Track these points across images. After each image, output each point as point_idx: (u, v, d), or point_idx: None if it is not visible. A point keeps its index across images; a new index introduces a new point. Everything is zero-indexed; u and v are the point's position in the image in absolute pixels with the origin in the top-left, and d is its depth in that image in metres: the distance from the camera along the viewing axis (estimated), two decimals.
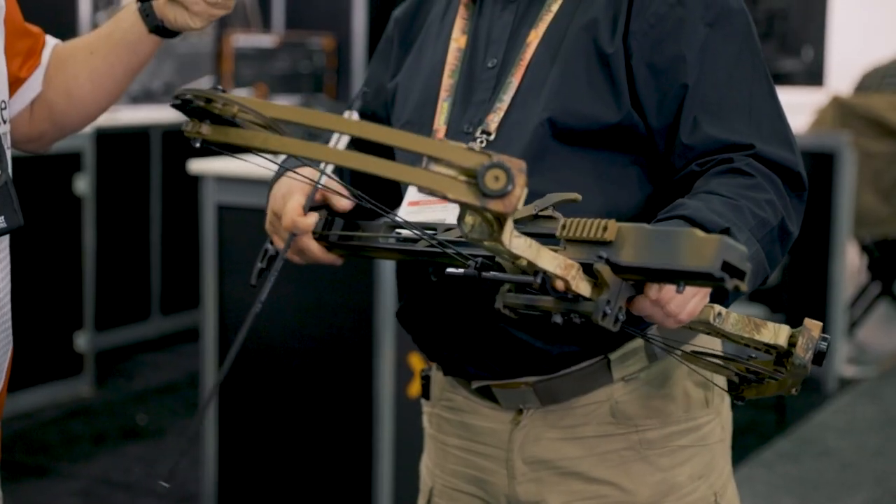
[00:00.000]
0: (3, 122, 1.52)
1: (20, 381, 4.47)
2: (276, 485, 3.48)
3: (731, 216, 1.37)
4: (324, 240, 1.57)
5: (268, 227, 1.63)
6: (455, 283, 1.52)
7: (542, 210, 1.30)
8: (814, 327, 1.35)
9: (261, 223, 1.65)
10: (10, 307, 1.53)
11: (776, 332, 1.35)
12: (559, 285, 1.19)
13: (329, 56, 6.59)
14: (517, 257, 1.16)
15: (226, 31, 6.39)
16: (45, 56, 1.69)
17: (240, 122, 1.20)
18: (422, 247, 1.43)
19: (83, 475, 4.11)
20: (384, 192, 1.62)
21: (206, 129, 1.21)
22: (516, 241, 1.15)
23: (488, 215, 1.11)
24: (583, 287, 1.20)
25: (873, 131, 5.57)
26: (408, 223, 1.42)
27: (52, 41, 1.72)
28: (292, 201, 1.55)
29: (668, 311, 1.28)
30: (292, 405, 3.43)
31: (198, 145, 1.22)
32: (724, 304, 1.36)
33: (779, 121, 1.53)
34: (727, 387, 1.48)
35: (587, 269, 1.20)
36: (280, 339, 3.43)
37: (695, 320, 1.32)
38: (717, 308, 1.33)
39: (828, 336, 1.36)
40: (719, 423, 1.63)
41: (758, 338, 1.34)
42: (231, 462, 3.55)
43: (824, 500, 4.03)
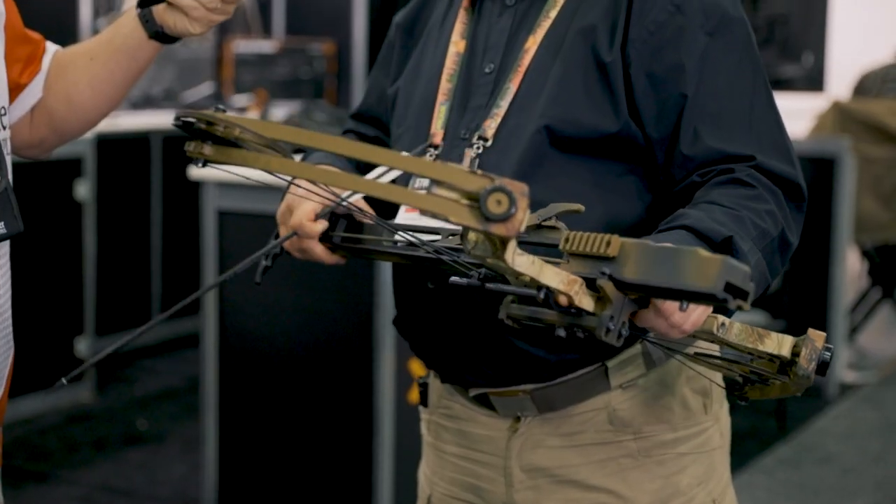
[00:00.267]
0: (4, 128, 1.52)
1: (20, 387, 4.46)
2: (276, 491, 3.47)
3: (733, 226, 1.37)
4: (327, 240, 1.58)
5: (278, 215, 1.65)
6: (452, 291, 1.52)
7: (545, 220, 1.30)
8: (817, 338, 1.35)
9: (261, 228, 1.65)
10: (10, 313, 1.53)
11: (780, 343, 1.35)
12: (562, 300, 1.19)
13: (329, 61, 6.60)
14: (520, 274, 1.17)
15: (226, 36, 6.39)
16: (46, 62, 1.69)
17: (242, 143, 1.21)
18: (425, 252, 1.43)
19: (84, 481, 4.11)
20: (383, 200, 1.62)
21: (208, 149, 1.22)
22: (519, 260, 1.15)
23: (492, 236, 1.11)
24: (586, 302, 1.20)
25: (873, 136, 5.57)
26: (417, 238, 1.42)
27: (52, 47, 1.72)
28: (308, 204, 1.57)
29: (672, 323, 1.28)
30: (293, 411, 3.43)
31: (201, 166, 1.24)
32: (728, 314, 1.36)
33: (778, 132, 1.52)
34: (731, 387, 1.47)
35: (590, 284, 1.21)
36: (281, 345, 3.43)
37: (698, 330, 1.32)
38: (721, 318, 1.33)
39: (831, 346, 1.36)
40: (718, 429, 1.63)
41: (761, 348, 1.34)
42: (231, 467, 3.54)
43: None
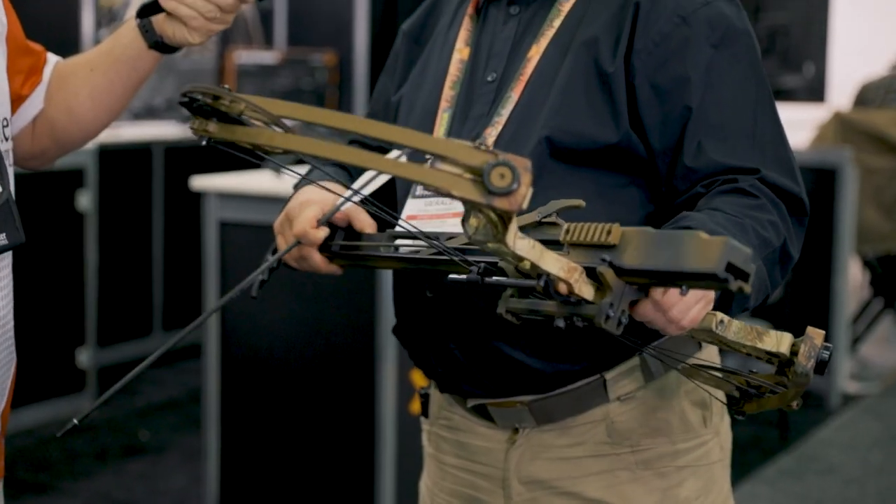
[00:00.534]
0: (6, 139, 1.52)
1: (22, 398, 4.46)
2: (278, 501, 3.47)
3: (735, 232, 1.37)
4: (326, 250, 1.58)
5: (276, 226, 1.64)
6: (450, 300, 1.52)
7: (545, 217, 1.30)
8: (816, 335, 1.34)
9: (263, 239, 1.65)
10: (12, 324, 1.53)
11: (778, 340, 1.34)
12: (562, 288, 1.19)
13: (331, 72, 6.60)
14: (521, 259, 1.16)
15: (228, 47, 6.40)
16: (47, 73, 1.70)
17: (246, 121, 1.20)
18: (424, 255, 1.43)
19: (85, 492, 4.10)
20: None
21: (212, 126, 1.21)
22: (520, 243, 1.14)
23: (492, 216, 1.11)
24: (585, 290, 1.19)
25: (875, 147, 5.57)
26: (420, 232, 1.41)
27: (53, 58, 1.72)
28: (308, 211, 1.57)
29: (670, 317, 1.27)
30: (294, 421, 3.43)
31: (204, 143, 1.23)
32: (730, 312, 1.36)
33: (782, 146, 1.52)
34: (728, 402, 1.47)
35: (590, 273, 1.20)
36: (282, 356, 3.43)
37: (697, 328, 1.31)
38: (720, 315, 1.32)
39: (830, 345, 1.36)
40: (718, 442, 1.62)
41: (760, 346, 1.34)
42: (233, 479, 3.54)
43: None
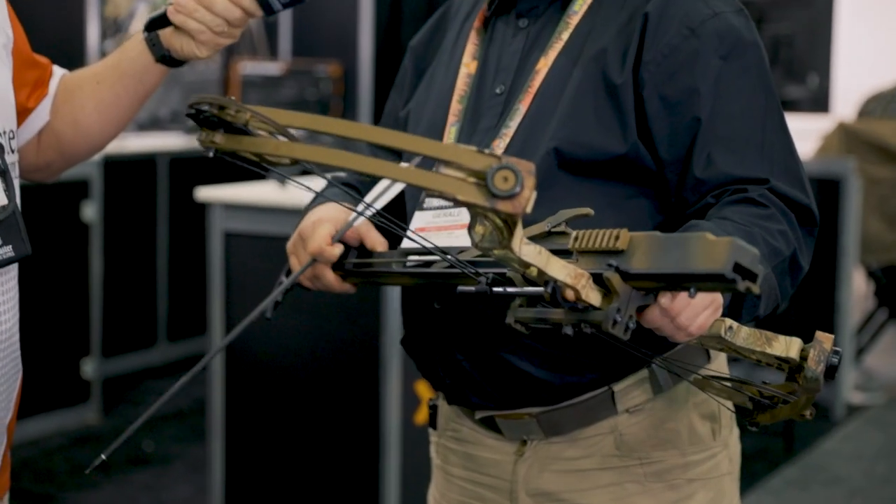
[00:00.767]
0: (12, 151, 1.52)
1: (27, 409, 4.47)
2: None
3: (743, 239, 1.37)
4: (339, 269, 1.59)
5: (289, 246, 1.65)
6: (459, 312, 1.52)
7: (554, 226, 1.30)
8: (825, 340, 1.33)
9: (267, 250, 1.66)
10: (18, 337, 1.53)
11: (787, 346, 1.33)
12: (569, 295, 1.19)
13: (336, 83, 6.61)
14: (527, 265, 1.16)
15: (233, 58, 6.41)
16: (53, 86, 1.70)
17: (252, 131, 1.21)
18: (436, 269, 1.43)
19: (90, 503, 4.10)
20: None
21: (219, 137, 1.22)
22: (526, 249, 1.14)
23: (498, 222, 1.11)
24: (593, 296, 1.19)
25: (879, 157, 5.57)
26: (433, 246, 1.42)
27: (59, 71, 1.72)
28: (322, 229, 1.58)
29: (678, 324, 1.26)
30: (299, 432, 3.43)
31: (211, 154, 1.23)
32: (740, 320, 1.35)
33: (791, 157, 1.52)
34: (741, 413, 1.46)
35: (598, 280, 1.20)
36: (287, 366, 3.43)
37: (706, 335, 1.31)
38: (728, 322, 1.31)
39: (839, 349, 1.34)
40: (727, 455, 1.62)
41: (769, 351, 1.33)
42: (238, 489, 3.54)
43: None
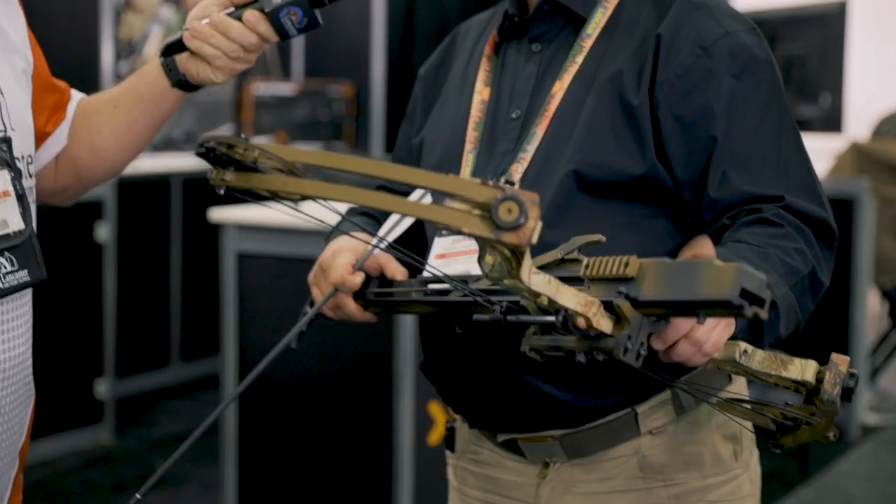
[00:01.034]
0: (30, 175, 1.53)
1: (40, 429, 4.47)
2: None
3: (758, 262, 1.37)
4: (360, 298, 1.60)
5: (310, 278, 1.66)
6: (479, 336, 1.52)
7: (567, 254, 1.31)
8: (841, 362, 1.34)
9: (281, 271, 1.67)
10: (31, 361, 1.53)
11: (803, 369, 1.34)
12: (580, 323, 1.20)
13: (348, 103, 6.63)
14: (537, 294, 1.17)
15: (246, 79, 6.43)
16: (71, 110, 1.71)
17: (262, 168, 1.22)
18: (455, 297, 1.44)
19: None
20: (411, 249, 1.64)
21: (229, 175, 1.24)
22: (535, 278, 1.15)
23: (506, 252, 1.12)
24: (604, 324, 1.20)
25: (892, 177, 5.56)
26: (446, 276, 1.43)
27: (77, 95, 1.73)
28: (342, 258, 1.59)
29: (693, 340, 1.27)
30: (312, 453, 3.43)
31: (222, 192, 1.25)
32: (762, 344, 1.36)
33: (807, 173, 1.53)
34: (765, 435, 1.46)
35: (608, 307, 1.21)
36: (300, 387, 3.43)
37: (721, 359, 1.31)
38: (743, 345, 1.32)
39: (855, 371, 1.35)
40: (748, 476, 1.62)
41: (785, 374, 1.34)
42: None
43: None
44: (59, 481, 4.47)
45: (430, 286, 1.52)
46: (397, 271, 1.60)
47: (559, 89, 1.57)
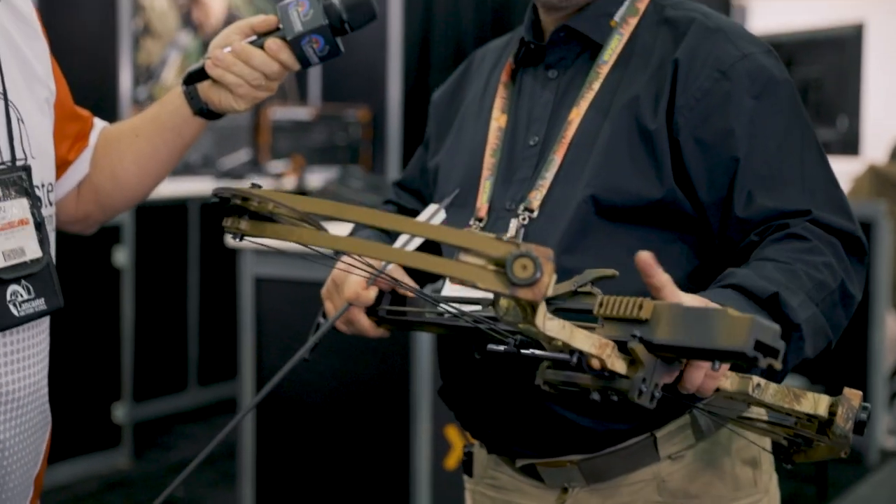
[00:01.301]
0: (50, 204, 1.53)
1: (58, 453, 4.48)
2: None
3: (782, 280, 1.37)
4: (373, 314, 1.60)
5: (323, 292, 1.67)
6: (498, 362, 1.53)
7: (580, 286, 1.31)
8: (854, 396, 1.35)
9: (298, 295, 1.67)
10: (46, 389, 1.53)
11: (816, 402, 1.35)
12: (595, 364, 1.21)
13: (365, 128, 6.65)
14: (552, 339, 1.18)
15: (263, 103, 6.46)
16: (93, 138, 1.72)
17: (276, 217, 1.24)
18: (467, 322, 1.45)
19: None
20: (426, 274, 1.64)
21: (244, 224, 1.26)
22: (550, 324, 1.16)
23: (521, 302, 1.13)
24: (618, 365, 1.21)
25: None
26: (455, 306, 1.44)
27: (100, 123, 1.74)
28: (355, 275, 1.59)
29: (710, 372, 1.27)
30: (330, 476, 3.43)
31: (238, 241, 1.28)
32: (778, 379, 1.36)
33: (833, 187, 1.53)
34: (776, 450, 1.47)
35: (622, 347, 1.22)
36: (317, 411, 3.44)
37: (734, 391, 1.32)
38: (756, 379, 1.33)
39: (868, 405, 1.36)
40: (767, 501, 1.62)
41: (798, 408, 1.34)
42: None
43: None
44: None
45: (444, 307, 1.52)
46: (409, 295, 1.60)
47: (576, 116, 1.57)
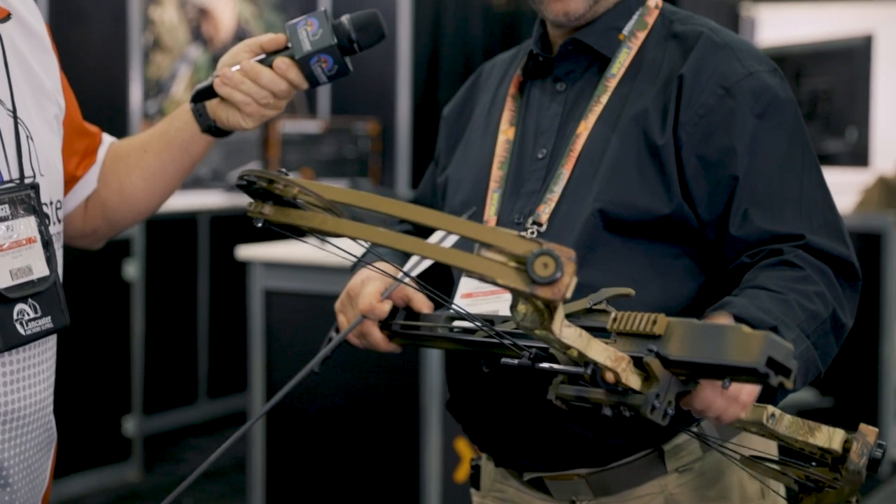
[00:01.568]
0: (58, 221, 1.53)
1: (68, 467, 4.48)
2: None
3: (778, 313, 1.37)
4: (386, 328, 1.60)
5: (337, 305, 1.67)
6: (506, 375, 1.53)
7: (595, 304, 1.31)
8: (869, 433, 1.35)
9: (307, 307, 1.68)
10: (52, 406, 1.53)
11: (830, 436, 1.34)
12: (609, 377, 1.20)
13: (374, 141, 6.66)
14: (568, 347, 1.17)
15: (272, 117, 6.48)
16: (101, 154, 1.72)
17: (300, 204, 1.23)
18: (480, 338, 1.45)
19: None
20: (437, 282, 1.64)
21: (268, 209, 1.24)
22: (567, 331, 1.16)
23: (539, 304, 1.13)
24: (633, 380, 1.21)
25: None
26: (469, 314, 1.44)
27: (108, 139, 1.74)
28: (371, 286, 1.59)
29: (729, 395, 1.27)
30: (339, 489, 3.42)
31: (259, 225, 1.26)
32: (775, 401, 1.36)
33: (830, 211, 1.53)
34: (786, 494, 1.46)
35: (637, 363, 1.21)
36: (327, 424, 3.44)
37: (748, 420, 1.32)
38: (771, 409, 1.33)
39: (884, 443, 1.36)
40: None
41: (812, 441, 1.34)
42: None
43: None
44: None
45: (456, 323, 1.52)
46: (423, 304, 1.60)
47: (584, 129, 1.58)
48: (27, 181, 1.46)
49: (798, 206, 1.50)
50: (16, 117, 1.47)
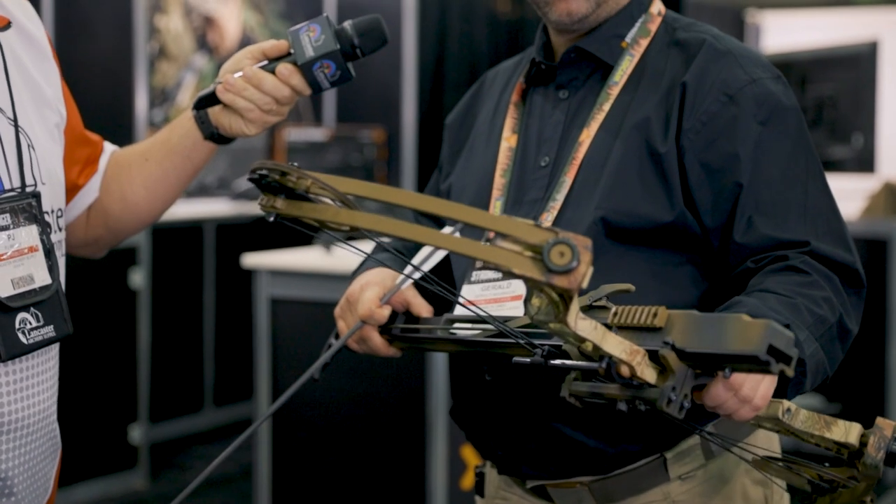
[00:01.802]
0: (59, 229, 1.53)
1: (74, 475, 4.48)
2: None
3: (788, 315, 1.36)
4: (386, 333, 1.60)
5: (337, 311, 1.67)
6: (510, 382, 1.52)
7: (595, 301, 1.31)
8: (886, 426, 1.33)
9: (313, 315, 1.68)
10: (56, 415, 1.53)
11: (847, 431, 1.33)
12: (624, 371, 1.19)
13: (379, 148, 6.66)
14: (582, 340, 1.16)
15: (278, 125, 6.48)
16: (103, 163, 1.71)
17: (313, 198, 1.22)
18: (483, 338, 1.44)
19: None
20: (438, 297, 1.64)
21: (280, 203, 1.23)
22: (582, 324, 1.15)
23: (554, 296, 1.11)
24: (648, 373, 1.20)
25: None
26: (476, 308, 1.43)
27: (109, 147, 1.74)
28: (370, 292, 1.59)
29: (742, 396, 1.27)
30: (345, 496, 3.42)
31: (272, 219, 1.24)
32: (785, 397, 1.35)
33: (834, 218, 1.52)
34: (799, 495, 1.45)
35: (652, 357, 1.20)
36: (334, 431, 3.44)
37: (764, 416, 1.31)
38: (787, 404, 1.32)
39: None
40: None
41: (828, 436, 1.33)
42: None
43: None
44: None
45: (458, 325, 1.52)
46: (423, 308, 1.60)
47: (587, 137, 1.58)
48: (28, 190, 1.46)
49: (803, 213, 1.50)
50: (17, 126, 1.47)
